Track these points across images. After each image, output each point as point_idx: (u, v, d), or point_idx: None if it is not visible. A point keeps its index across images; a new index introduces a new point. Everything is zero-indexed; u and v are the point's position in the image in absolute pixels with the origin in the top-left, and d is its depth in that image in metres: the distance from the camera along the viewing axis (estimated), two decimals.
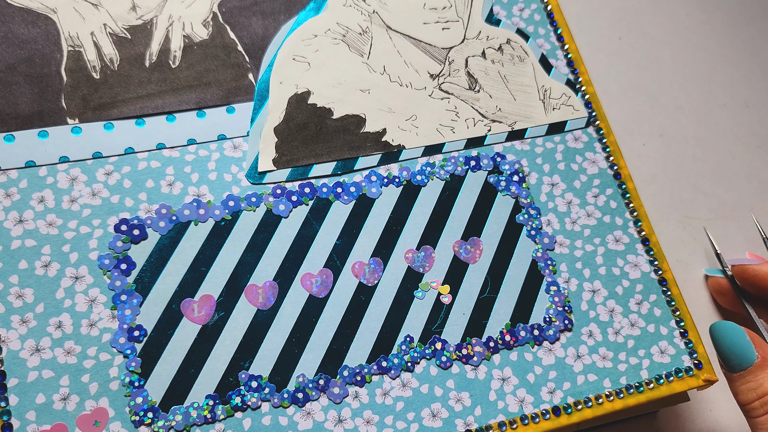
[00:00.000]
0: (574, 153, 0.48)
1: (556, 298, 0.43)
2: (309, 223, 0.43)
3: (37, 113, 0.41)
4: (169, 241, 0.40)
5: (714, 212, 0.58)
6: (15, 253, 0.38)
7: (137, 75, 0.43)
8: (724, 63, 0.64)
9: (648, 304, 0.44)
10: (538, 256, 0.44)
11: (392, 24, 0.48)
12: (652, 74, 0.62)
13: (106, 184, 0.41)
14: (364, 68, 0.47)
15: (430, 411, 0.39)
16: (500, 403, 0.40)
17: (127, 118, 0.42)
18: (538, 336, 0.42)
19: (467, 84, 0.48)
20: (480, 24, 0.50)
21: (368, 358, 0.40)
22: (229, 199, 0.42)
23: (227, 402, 0.38)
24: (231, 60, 0.45)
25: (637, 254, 0.45)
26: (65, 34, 0.43)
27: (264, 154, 0.43)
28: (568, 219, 0.46)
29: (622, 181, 0.47)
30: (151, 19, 0.45)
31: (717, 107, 0.62)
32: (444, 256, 0.43)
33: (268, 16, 0.47)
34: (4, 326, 0.37)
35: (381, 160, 0.45)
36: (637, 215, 0.46)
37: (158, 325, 0.39)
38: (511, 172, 0.46)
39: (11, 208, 0.39)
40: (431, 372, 0.40)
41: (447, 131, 0.46)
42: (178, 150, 0.42)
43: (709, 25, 0.66)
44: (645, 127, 0.60)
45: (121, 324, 0.38)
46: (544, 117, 0.48)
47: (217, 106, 0.44)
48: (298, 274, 0.41)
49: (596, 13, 0.64)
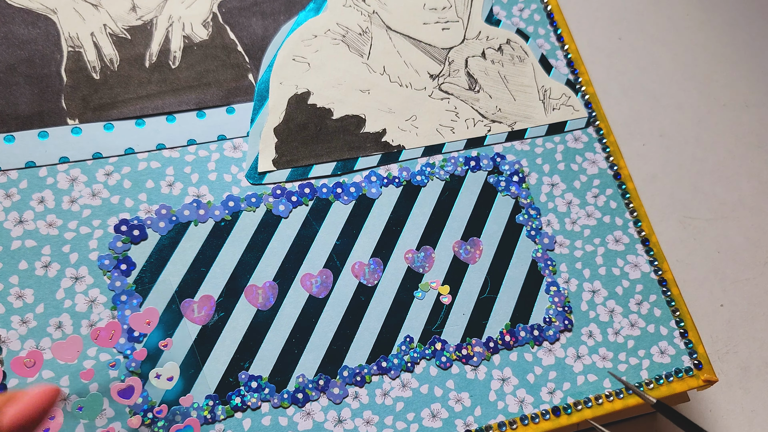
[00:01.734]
0: (574, 153, 0.48)
1: (556, 299, 0.43)
2: (309, 223, 0.43)
3: (37, 114, 0.41)
4: (169, 241, 0.40)
5: (714, 212, 0.58)
6: (15, 253, 0.38)
7: (137, 75, 0.43)
8: (724, 63, 0.64)
9: (648, 304, 0.44)
10: (538, 257, 0.44)
11: (392, 24, 0.48)
12: (652, 74, 0.62)
13: (106, 184, 0.41)
14: (363, 68, 0.47)
15: (429, 411, 0.39)
16: (500, 403, 0.40)
17: (127, 118, 0.42)
18: (538, 336, 0.42)
19: (467, 84, 0.48)
20: (480, 24, 0.50)
21: (368, 359, 0.40)
22: (228, 200, 0.42)
23: (227, 402, 0.38)
24: (231, 60, 0.45)
25: (637, 254, 0.45)
26: (65, 35, 0.43)
27: (264, 155, 0.43)
28: (568, 219, 0.46)
29: (622, 181, 0.47)
30: (151, 20, 0.45)
31: (717, 107, 0.62)
32: (444, 256, 0.43)
33: (268, 16, 0.47)
34: (4, 327, 0.37)
35: (381, 160, 0.45)
36: (637, 215, 0.46)
37: (158, 325, 0.39)
38: (511, 172, 0.46)
39: (11, 209, 0.39)
40: (431, 372, 0.40)
41: (447, 131, 0.46)
42: (178, 150, 0.42)
43: (709, 25, 0.66)
44: (645, 127, 0.60)
45: (121, 324, 0.38)
46: (544, 117, 0.48)
47: (217, 107, 0.44)
48: (298, 275, 0.41)
49: (596, 13, 0.64)
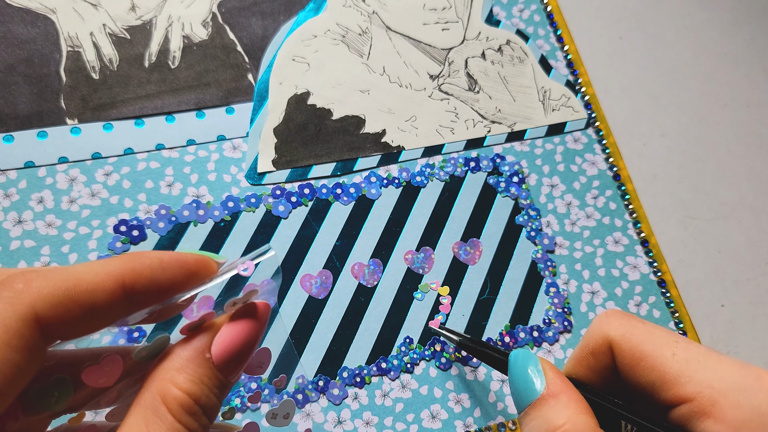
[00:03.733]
0: (574, 154, 0.47)
1: (556, 300, 0.43)
2: (308, 224, 0.43)
3: (36, 113, 0.41)
4: (169, 242, 0.40)
5: (715, 212, 0.58)
6: (14, 253, 0.38)
7: (136, 75, 0.43)
8: (725, 62, 0.64)
9: (647, 305, 0.44)
10: (538, 258, 0.44)
11: (392, 25, 0.48)
12: (653, 74, 0.62)
13: (105, 184, 0.41)
14: (363, 69, 0.47)
15: (429, 412, 0.39)
16: (499, 404, 0.40)
17: (126, 118, 0.42)
18: (537, 337, 0.42)
19: (467, 85, 0.48)
20: (480, 25, 0.50)
21: (368, 360, 0.40)
22: (228, 200, 0.42)
23: (227, 403, 0.38)
24: (230, 60, 0.45)
25: (636, 256, 0.45)
26: (64, 35, 0.43)
27: (263, 155, 0.43)
28: (567, 220, 0.45)
29: (621, 182, 0.47)
30: (150, 20, 0.45)
31: (718, 107, 0.62)
32: (443, 257, 0.43)
33: (267, 16, 0.47)
34: None
35: (380, 161, 0.45)
36: (636, 216, 0.46)
37: (158, 326, 0.39)
38: (510, 173, 0.46)
39: (10, 209, 0.39)
40: (431, 373, 0.40)
41: (446, 132, 0.46)
42: (178, 151, 0.42)
43: (710, 24, 0.66)
44: (646, 126, 0.60)
45: (120, 325, 0.38)
46: (544, 118, 0.48)
47: (216, 107, 0.44)
48: (298, 275, 0.41)
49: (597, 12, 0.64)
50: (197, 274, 0.22)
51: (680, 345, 0.23)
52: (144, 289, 0.20)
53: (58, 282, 0.18)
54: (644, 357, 0.24)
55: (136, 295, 0.20)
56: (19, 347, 0.17)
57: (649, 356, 0.24)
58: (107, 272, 0.19)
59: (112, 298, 0.19)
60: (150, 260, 0.20)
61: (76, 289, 0.18)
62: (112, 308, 0.20)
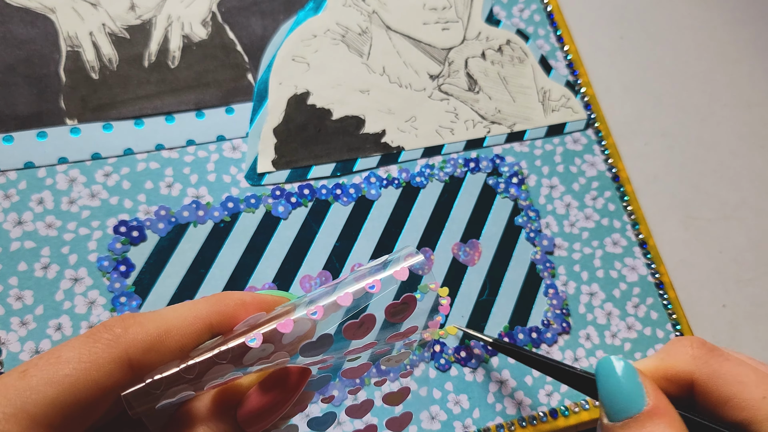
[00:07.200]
0: (573, 155, 0.47)
1: (554, 301, 0.43)
2: (308, 224, 0.43)
3: (36, 114, 0.41)
4: (169, 242, 0.40)
5: (716, 212, 0.58)
6: (14, 254, 0.38)
7: (136, 75, 0.43)
8: (726, 62, 0.64)
9: (645, 307, 0.44)
10: (537, 259, 0.44)
11: (392, 24, 0.48)
12: (654, 73, 0.62)
13: (105, 185, 0.41)
14: (363, 69, 0.46)
15: (428, 413, 0.39)
16: (498, 405, 0.40)
17: (125, 118, 0.42)
18: (536, 338, 0.42)
19: (467, 85, 0.48)
20: (480, 25, 0.49)
21: None
22: (228, 201, 0.42)
23: None
24: (230, 60, 0.45)
25: (634, 257, 0.45)
26: (64, 35, 0.43)
27: (263, 156, 0.43)
28: (566, 222, 0.45)
29: (620, 183, 0.47)
30: (149, 19, 0.45)
31: (719, 106, 0.62)
32: (443, 258, 0.43)
33: (267, 16, 0.46)
34: (3, 328, 0.37)
35: (380, 161, 0.45)
36: (635, 218, 0.46)
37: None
38: (510, 174, 0.46)
39: (10, 210, 0.39)
40: (430, 374, 0.40)
41: (446, 133, 0.46)
42: (177, 151, 0.42)
43: (711, 24, 0.65)
44: (646, 126, 0.60)
45: None
46: (544, 119, 0.48)
47: (216, 107, 0.44)
48: (297, 276, 0.41)
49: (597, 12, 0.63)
50: None
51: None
52: (227, 329, 0.22)
53: (151, 329, 0.20)
54: (732, 398, 0.24)
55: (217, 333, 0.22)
56: (105, 386, 0.19)
57: (737, 398, 0.23)
58: (195, 316, 0.21)
59: (201, 339, 0.21)
60: (234, 301, 0.22)
61: (168, 335, 0.20)
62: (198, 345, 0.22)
